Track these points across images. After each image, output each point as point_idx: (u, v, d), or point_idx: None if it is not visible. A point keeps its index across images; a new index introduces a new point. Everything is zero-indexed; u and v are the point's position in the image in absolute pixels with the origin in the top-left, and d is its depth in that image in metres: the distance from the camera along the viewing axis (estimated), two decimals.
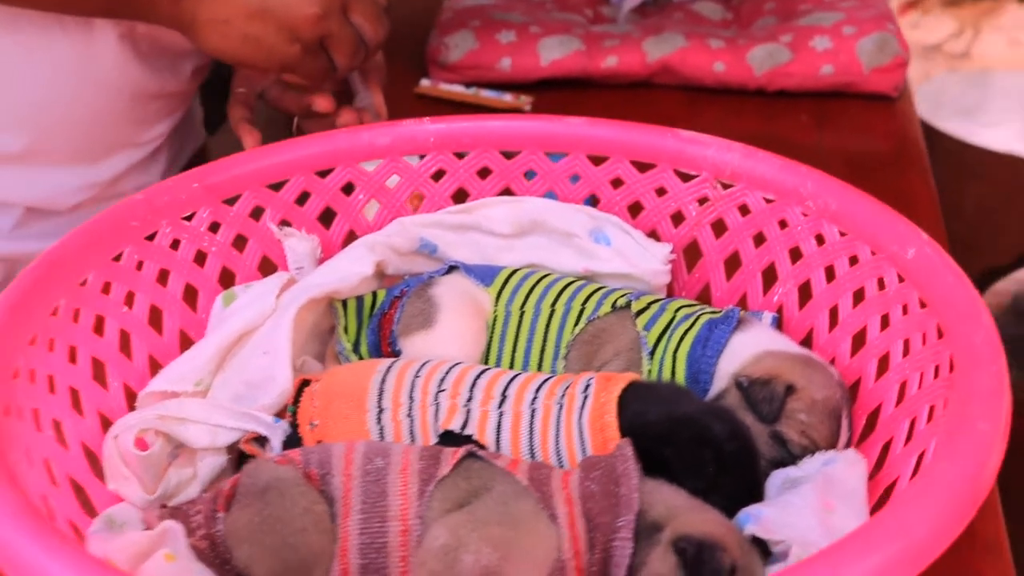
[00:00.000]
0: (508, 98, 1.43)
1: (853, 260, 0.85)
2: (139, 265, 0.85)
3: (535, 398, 0.78)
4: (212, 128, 1.43)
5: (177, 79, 1.13)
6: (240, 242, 0.91)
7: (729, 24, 1.59)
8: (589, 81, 1.48)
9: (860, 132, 1.41)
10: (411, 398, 0.78)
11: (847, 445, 0.80)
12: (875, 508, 0.74)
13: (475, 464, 0.71)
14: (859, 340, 0.84)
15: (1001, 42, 5.41)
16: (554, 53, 1.46)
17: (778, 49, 1.44)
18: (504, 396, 0.78)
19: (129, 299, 0.84)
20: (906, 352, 0.79)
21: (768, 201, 0.89)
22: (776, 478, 0.78)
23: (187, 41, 1.03)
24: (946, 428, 0.64)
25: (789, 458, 0.79)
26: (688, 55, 1.45)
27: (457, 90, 1.45)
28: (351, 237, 0.95)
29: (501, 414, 0.77)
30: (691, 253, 0.94)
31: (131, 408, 0.82)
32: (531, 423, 0.77)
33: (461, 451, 0.72)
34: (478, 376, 0.79)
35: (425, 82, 1.47)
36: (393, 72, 1.53)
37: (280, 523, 0.69)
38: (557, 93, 1.46)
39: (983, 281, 2.26)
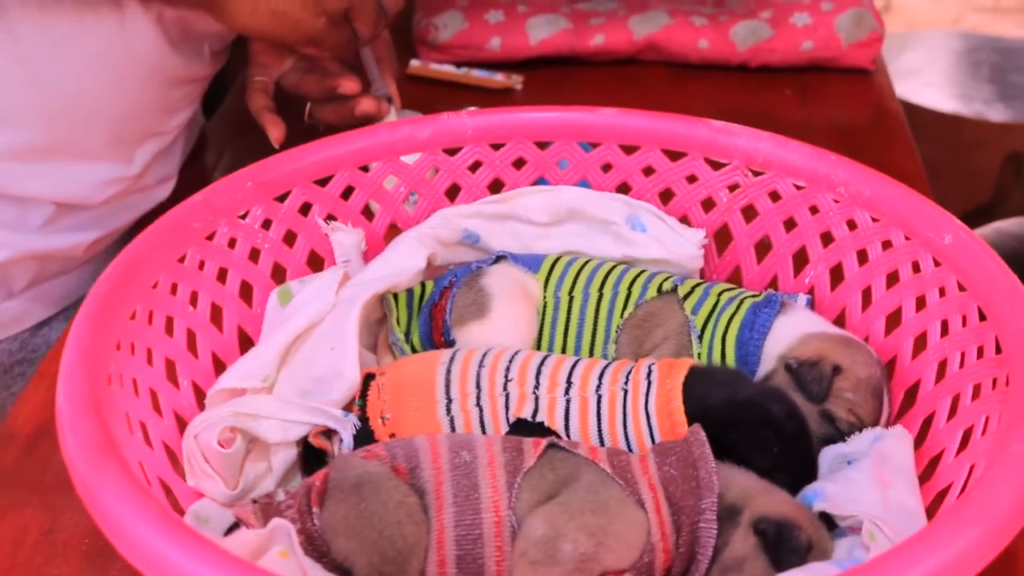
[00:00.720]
0: (499, 77, 1.45)
1: (886, 244, 0.89)
2: (201, 265, 0.87)
3: (599, 384, 0.81)
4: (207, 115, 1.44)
5: (202, 63, 1.14)
6: (290, 237, 0.94)
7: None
8: (577, 59, 1.51)
9: (842, 106, 1.46)
10: (478, 387, 0.82)
11: (888, 420, 0.85)
12: (922, 479, 0.79)
13: (558, 454, 0.75)
14: (894, 320, 0.89)
15: None
16: (542, 32, 1.48)
17: (760, 26, 1.49)
18: (569, 382, 0.81)
19: (193, 299, 0.86)
20: (944, 332, 0.84)
21: (799, 188, 0.94)
22: (827, 454, 0.83)
23: (211, 23, 1.04)
24: (1011, 410, 0.68)
25: (838, 435, 0.83)
26: (673, 32, 1.49)
27: (448, 70, 1.47)
28: (392, 229, 0.98)
29: (568, 400, 0.81)
30: (722, 237, 0.98)
31: (200, 405, 0.84)
32: (598, 409, 0.80)
33: (543, 443, 0.75)
34: (541, 363, 0.83)
35: (415, 62, 1.49)
36: None
37: (376, 516, 0.71)
38: (547, 71, 1.49)
39: None
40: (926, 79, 2.72)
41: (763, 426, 0.79)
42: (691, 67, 1.51)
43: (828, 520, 0.75)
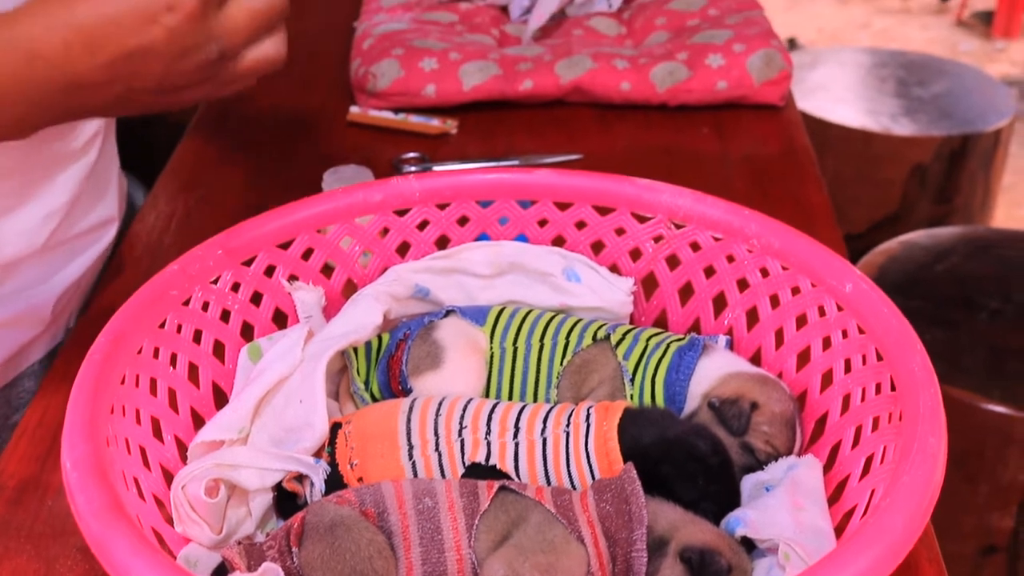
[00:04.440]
0: (435, 123, 1.55)
1: (795, 290, 1.00)
2: (179, 328, 0.95)
3: (544, 428, 0.91)
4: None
5: None
6: (257, 298, 1.02)
7: (624, 39, 1.74)
8: (508, 102, 1.60)
9: (755, 141, 1.57)
10: (436, 434, 0.91)
11: (801, 448, 0.96)
12: (831, 501, 0.90)
13: (509, 497, 0.85)
14: (804, 358, 0.99)
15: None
16: (474, 79, 1.58)
17: (677, 67, 1.59)
18: (517, 427, 0.91)
19: (173, 360, 0.94)
20: (848, 370, 0.95)
21: (716, 239, 1.04)
22: (748, 482, 0.93)
23: None
24: (903, 443, 0.79)
25: (757, 464, 0.94)
26: (597, 76, 1.59)
27: (386, 116, 1.56)
28: (349, 284, 1.07)
29: (517, 444, 0.90)
30: (648, 284, 1.08)
31: (183, 458, 0.92)
32: (544, 451, 0.90)
33: (495, 486, 0.85)
34: (492, 411, 0.92)
35: (355, 109, 1.58)
36: (320, 99, 1.64)
37: (349, 553, 0.81)
38: (480, 115, 1.59)
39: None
40: (836, 95, 2.86)
41: (690, 460, 0.89)
42: (615, 108, 1.62)
43: (749, 543, 0.86)
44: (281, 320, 1.04)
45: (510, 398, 1.00)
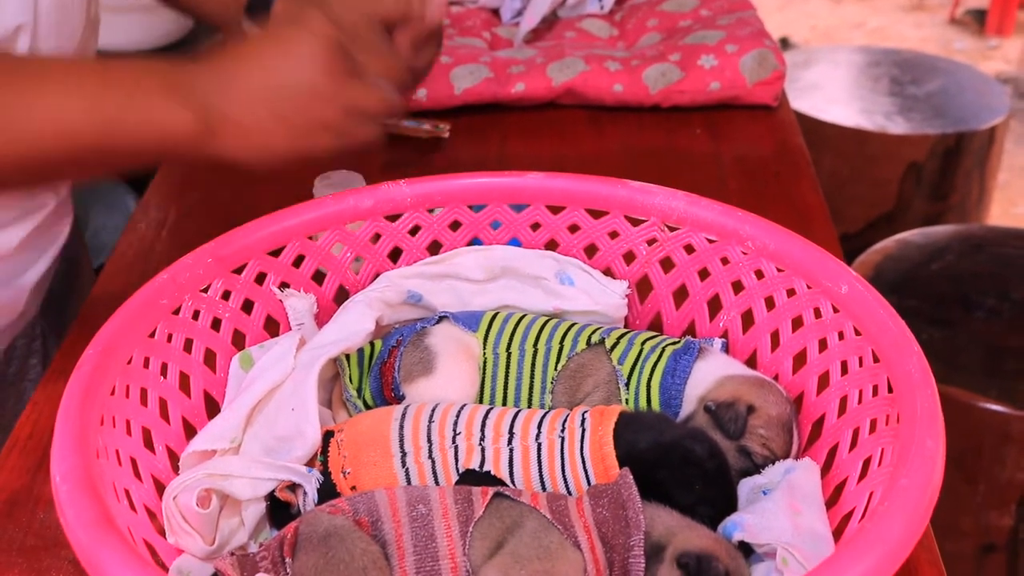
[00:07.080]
0: (427, 126, 1.54)
1: (791, 292, 0.99)
2: (169, 338, 0.94)
3: (539, 433, 0.90)
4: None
5: None
6: (248, 306, 1.01)
7: (616, 41, 1.73)
8: (500, 105, 1.60)
9: (748, 141, 1.57)
10: (429, 441, 0.90)
11: (798, 451, 0.95)
12: (829, 504, 0.89)
13: (503, 503, 0.84)
14: (800, 360, 0.99)
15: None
16: (466, 82, 1.57)
17: (670, 68, 1.59)
18: (511, 433, 0.90)
19: (164, 370, 0.94)
20: (844, 372, 0.94)
21: (711, 241, 1.03)
22: (745, 486, 0.92)
23: None
24: (900, 446, 0.78)
25: (754, 468, 0.93)
26: (589, 78, 1.58)
27: None
28: (341, 291, 1.06)
29: (511, 450, 0.89)
30: (643, 287, 1.07)
31: (175, 468, 0.92)
32: (539, 456, 0.89)
33: (490, 492, 0.84)
34: (485, 416, 0.92)
35: None
36: None
37: (343, 564, 0.80)
38: (472, 118, 1.58)
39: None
40: (830, 94, 2.85)
41: (687, 465, 0.88)
42: (607, 109, 1.61)
43: (747, 548, 0.85)
44: (273, 328, 1.03)
45: (504, 404, 0.99)
